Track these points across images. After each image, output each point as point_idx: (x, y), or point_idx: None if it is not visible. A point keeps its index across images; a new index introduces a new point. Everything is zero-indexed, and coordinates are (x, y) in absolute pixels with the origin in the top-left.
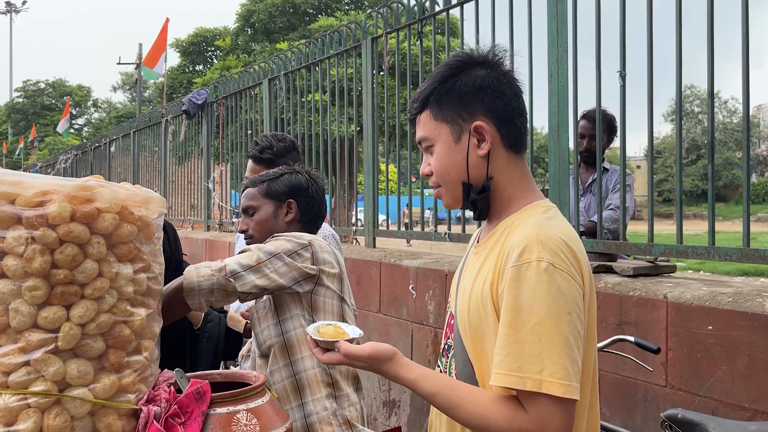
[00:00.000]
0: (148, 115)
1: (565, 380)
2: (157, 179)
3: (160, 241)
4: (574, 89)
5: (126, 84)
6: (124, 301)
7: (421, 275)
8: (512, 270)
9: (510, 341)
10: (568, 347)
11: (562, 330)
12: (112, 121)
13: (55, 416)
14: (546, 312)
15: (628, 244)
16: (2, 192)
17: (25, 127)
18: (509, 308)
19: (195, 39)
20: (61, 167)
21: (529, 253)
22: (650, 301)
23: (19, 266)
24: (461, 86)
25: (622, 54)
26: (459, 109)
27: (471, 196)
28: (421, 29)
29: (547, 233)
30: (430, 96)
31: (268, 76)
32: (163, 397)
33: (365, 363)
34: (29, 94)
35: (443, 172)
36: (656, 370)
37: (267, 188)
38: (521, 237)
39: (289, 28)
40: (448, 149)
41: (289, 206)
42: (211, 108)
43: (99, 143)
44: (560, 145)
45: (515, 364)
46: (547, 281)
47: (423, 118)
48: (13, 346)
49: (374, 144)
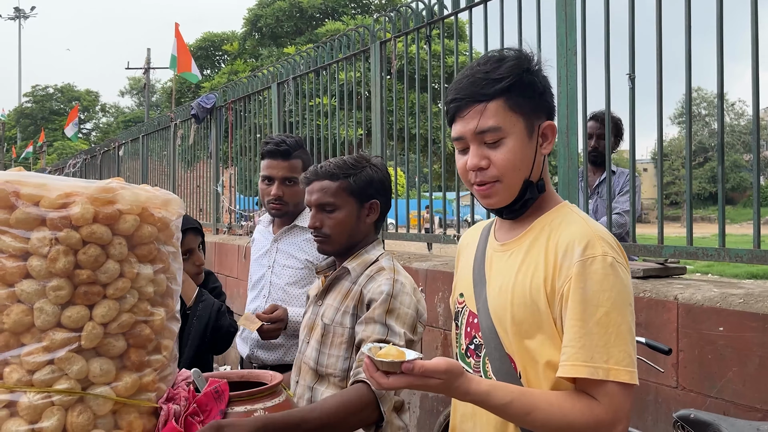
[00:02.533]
0: (156, 119)
1: (630, 367)
2: (166, 183)
3: (179, 242)
4: (583, 92)
5: (134, 89)
6: (145, 301)
7: (431, 277)
8: (578, 264)
9: (581, 333)
10: (631, 336)
11: (626, 320)
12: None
13: (78, 414)
14: (612, 304)
15: (638, 245)
16: (27, 194)
17: (34, 132)
18: (578, 301)
19: (203, 44)
20: (70, 171)
21: (593, 249)
22: (661, 302)
23: (44, 266)
24: (539, 81)
25: (631, 57)
26: (537, 104)
27: (527, 195)
28: (430, 33)
29: (602, 230)
30: (513, 84)
31: (276, 80)
32: (183, 395)
33: (440, 380)
34: (38, 99)
35: (512, 166)
36: (667, 372)
37: (351, 184)
38: (577, 234)
39: (296, 32)
40: (522, 144)
41: (371, 207)
42: (220, 112)
43: (108, 147)
44: (569, 148)
45: (588, 354)
46: (612, 275)
47: (493, 106)
48: (37, 345)
49: (383, 147)
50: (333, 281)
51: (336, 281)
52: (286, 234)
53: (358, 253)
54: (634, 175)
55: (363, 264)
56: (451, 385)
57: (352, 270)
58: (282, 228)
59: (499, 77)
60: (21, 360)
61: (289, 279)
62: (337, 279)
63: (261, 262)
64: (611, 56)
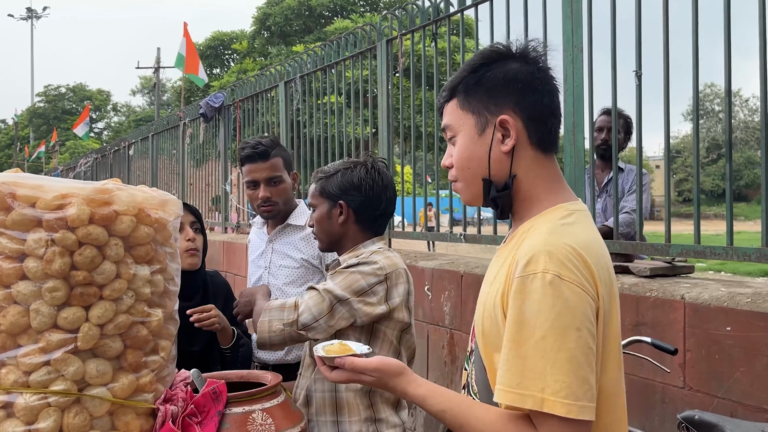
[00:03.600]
0: (166, 118)
1: (569, 399)
2: (176, 182)
3: (177, 243)
4: (590, 89)
5: (145, 88)
6: (142, 302)
7: (437, 276)
8: (517, 281)
9: (512, 356)
10: (575, 365)
11: (568, 346)
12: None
13: (74, 415)
14: (550, 327)
15: (645, 244)
16: (23, 195)
17: (46, 132)
18: (513, 321)
19: (212, 43)
20: (81, 170)
21: (535, 264)
22: (667, 302)
23: (40, 268)
24: (492, 77)
25: (638, 53)
26: (486, 100)
27: (491, 194)
28: (436, 30)
29: (558, 242)
30: (459, 84)
31: (283, 78)
32: (180, 396)
33: (373, 377)
34: (50, 98)
35: (463, 164)
36: (674, 372)
37: (322, 186)
38: (530, 245)
39: (305, 30)
40: (470, 141)
41: (340, 207)
42: (228, 111)
43: (118, 146)
44: (576, 146)
45: (515, 380)
46: (552, 294)
47: (450, 106)
48: (33, 346)
49: (389, 146)
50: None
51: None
52: (280, 234)
53: (354, 248)
54: (641, 172)
55: (354, 256)
56: (387, 383)
57: (343, 261)
58: (275, 228)
59: (452, 78)
60: (18, 361)
61: (286, 279)
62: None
63: (257, 263)
64: (618, 53)
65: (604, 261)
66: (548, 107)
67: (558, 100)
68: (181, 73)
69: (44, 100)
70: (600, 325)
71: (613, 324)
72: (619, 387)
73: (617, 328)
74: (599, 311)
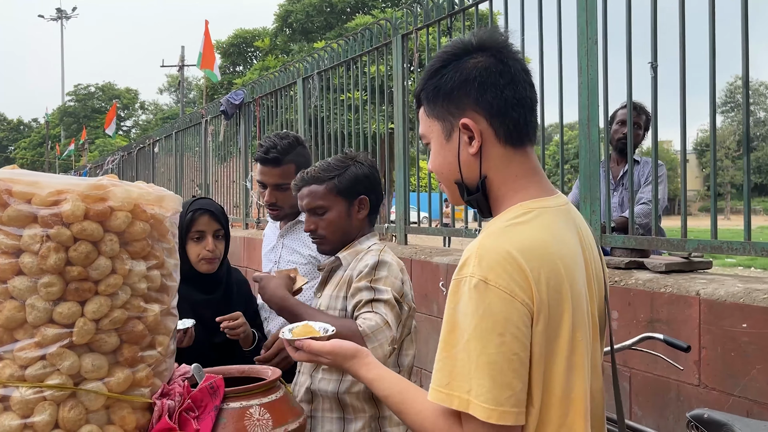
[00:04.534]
0: (189, 116)
1: (489, 404)
2: (199, 178)
3: (175, 238)
4: (605, 82)
5: (171, 86)
6: (138, 297)
7: (451, 272)
8: (452, 283)
9: (443, 356)
10: (496, 370)
11: (489, 351)
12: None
13: (70, 409)
14: (473, 331)
15: (660, 239)
16: (19, 192)
17: (77, 130)
18: (446, 322)
19: (235, 40)
20: (109, 168)
21: (467, 267)
22: (682, 298)
23: (35, 263)
24: (447, 80)
25: (653, 45)
26: (447, 105)
27: (465, 196)
28: (451, 24)
29: (491, 245)
30: (421, 91)
31: (301, 75)
32: (177, 391)
33: (328, 359)
34: (80, 97)
35: (437, 170)
36: (689, 369)
37: (337, 185)
38: (468, 248)
39: (326, 27)
40: (439, 147)
41: (361, 203)
42: (249, 108)
43: (143, 144)
44: (590, 140)
45: (445, 380)
46: (476, 299)
47: (420, 114)
48: (29, 341)
49: (405, 141)
50: (329, 274)
51: (332, 273)
52: (290, 230)
53: (351, 244)
54: (656, 164)
55: (354, 253)
56: (342, 365)
57: (344, 259)
58: (287, 224)
59: (417, 85)
60: (14, 355)
61: None
62: (333, 271)
63: (269, 257)
64: (633, 44)
65: (552, 263)
66: (511, 99)
67: (524, 88)
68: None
69: (74, 99)
70: (540, 330)
71: (563, 328)
72: (573, 393)
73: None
74: (536, 317)
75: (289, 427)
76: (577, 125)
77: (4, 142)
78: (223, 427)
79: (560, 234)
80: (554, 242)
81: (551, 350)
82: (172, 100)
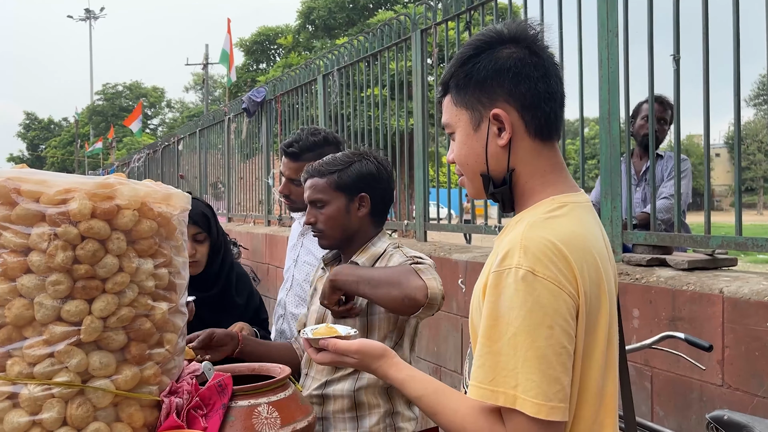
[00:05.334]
0: (212, 113)
1: (539, 399)
2: (223, 176)
3: (183, 237)
4: (626, 75)
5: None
6: (145, 295)
7: (471, 269)
8: (493, 276)
9: (485, 351)
10: (545, 364)
11: (538, 345)
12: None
13: (77, 406)
14: (521, 324)
15: (683, 236)
16: (28, 190)
17: (105, 129)
18: (487, 316)
19: (258, 38)
20: (135, 166)
21: (510, 258)
22: (705, 296)
23: (43, 261)
24: (480, 69)
25: (676, 36)
26: (479, 94)
27: (490, 189)
28: (470, 19)
29: (535, 236)
30: (450, 79)
31: (322, 72)
32: (186, 389)
33: (354, 359)
34: (108, 96)
35: (462, 161)
36: (712, 369)
37: (337, 180)
38: (509, 240)
39: (348, 23)
40: (466, 137)
41: (361, 200)
42: (270, 105)
43: (168, 142)
44: (611, 134)
45: (489, 376)
46: (524, 290)
47: (446, 102)
48: (38, 338)
49: (424, 137)
50: None
51: None
52: (309, 229)
53: (365, 247)
54: (678, 159)
55: (372, 257)
56: (370, 365)
57: (362, 264)
58: None
59: (444, 73)
60: (23, 353)
61: (306, 276)
62: None
63: (290, 254)
64: (655, 36)
65: (591, 257)
66: (544, 93)
67: (555, 82)
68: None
69: (102, 98)
70: (581, 323)
71: (601, 323)
72: (606, 389)
73: (612, 328)
74: (580, 309)
75: (297, 425)
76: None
77: (36, 141)
78: (231, 425)
79: (592, 229)
80: (591, 237)
81: (589, 345)
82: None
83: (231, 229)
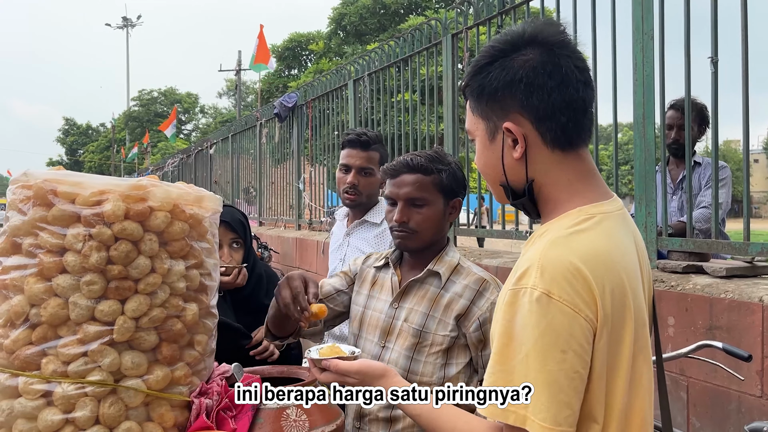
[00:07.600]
0: (244, 118)
1: (548, 423)
2: (256, 180)
3: (215, 238)
4: (661, 79)
5: (230, 90)
6: (177, 296)
7: (501, 275)
8: (509, 293)
9: (497, 370)
10: (556, 388)
11: (549, 368)
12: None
13: (110, 405)
14: (533, 346)
15: (720, 242)
16: (64, 192)
17: (140, 134)
18: (501, 333)
19: (289, 44)
20: (168, 170)
21: (527, 278)
22: (744, 304)
23: (78, 262)
24: (493, 80)
25: (714, 38)
26: (492, 104)
27: (512, 200)
28: (501, 23)
29: (554, 255)
30: (467, 87)
31: (352, 77)
32: (216, 390)
33: (356, 379)
34: (144, 102)
35: (483, 170)
36: (751, 380)
37: (442, 180)
38: (528, 257)
39: (379, 29)
40: (484, 147)
41: (454, 205)
42: (301, 111)
43: (201, 147)
44: (646, 139)
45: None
46: (538, 312)
47: (467, 108)
48: (72, 338)
49: (455, 142)
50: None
51: (415, 283)
52: (356, 229)
53: (440, 255)
54: (716, 165)
55: (449, 268)
56: (371, 385)
57: (443, 275)
58: (353, 222)
59: (463, 78)
60: (57, 351)
61: None
62: (417, 281)
63: (335, 255)
64: (692, 39)
65: (615, 274)
66: (559, 102)
67: (575, 89)
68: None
69: (138, 104)
70: (603, 344)
71: (625, 341)
72: (633, 408)
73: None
74: (600, 331)
75: (326, 429)
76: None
77: (74, 146)
78: (260, 427)
79: (621, 242)
80: (617, 251)
81: (613, 364)
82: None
83: (262, 232)
